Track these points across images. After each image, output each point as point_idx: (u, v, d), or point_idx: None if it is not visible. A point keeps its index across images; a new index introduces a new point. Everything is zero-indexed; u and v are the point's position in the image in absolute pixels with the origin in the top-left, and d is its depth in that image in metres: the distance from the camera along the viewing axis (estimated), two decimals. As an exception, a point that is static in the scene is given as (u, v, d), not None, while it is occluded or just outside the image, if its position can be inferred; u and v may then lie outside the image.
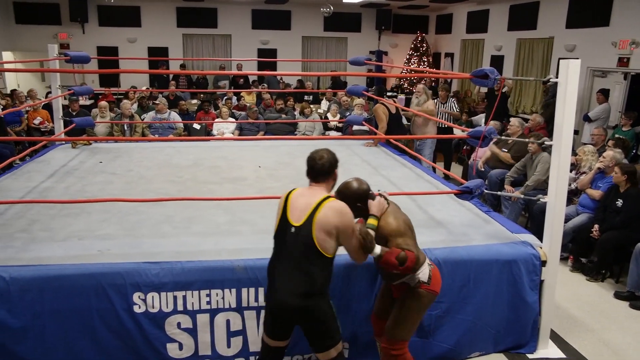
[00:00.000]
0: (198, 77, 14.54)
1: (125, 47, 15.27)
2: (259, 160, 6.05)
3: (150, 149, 6.65)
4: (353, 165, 5.92)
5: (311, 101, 11.72)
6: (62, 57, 6.24)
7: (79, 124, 6.73)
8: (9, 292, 3.21)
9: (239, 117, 9.63)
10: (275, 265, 2.91)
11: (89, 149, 6.54)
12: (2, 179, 5.19)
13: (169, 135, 8.80)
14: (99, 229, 3.95)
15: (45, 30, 14.64)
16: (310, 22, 15.97)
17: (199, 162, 5.95)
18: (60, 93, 6.70)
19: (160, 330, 3.40)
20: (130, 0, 14.87)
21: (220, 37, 15.94)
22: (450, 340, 3.72)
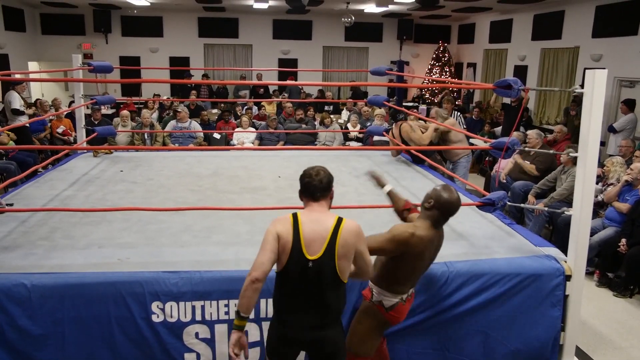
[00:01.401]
0: (219, 87, 14.68)
1: (147, 56, 15.53)
2: (279, 170, 6.07)
3: (171, 158, 6.71)
4: (373, 176, 5.91)
5: (331, 111, 11.76)
6: (85, 67, 6.36)
7: (101, 132, 6.83)
8: (30, 299, 3.26)
9: (259, 126, 9.70)
10: (286, 300, 2.69)
11: (110, 157, 6.62)
12: (25, 186, 5.28)
13: (190, 144, 8.89)
14: (119, 237, 3.98)
15: (70, 40, 14.97)
16: (332, 32, 16.05)
17: (219, 171, 5.98)
18: (83, 102, 6.82)
19: (178, 339, 3.41)
20: (153, 11, 15.12)
21: (241, 47, 16.10)
22: (469, 355, 3.67)
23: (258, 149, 7.21)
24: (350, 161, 6.60)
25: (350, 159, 6.70)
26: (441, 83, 12.24)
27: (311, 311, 2.65)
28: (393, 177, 5.88)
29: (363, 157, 6.88)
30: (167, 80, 12.63)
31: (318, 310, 2.65)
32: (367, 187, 5.45)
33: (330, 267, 2.59)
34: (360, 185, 5.52)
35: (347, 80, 16.35)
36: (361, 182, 5.65)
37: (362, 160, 6.70)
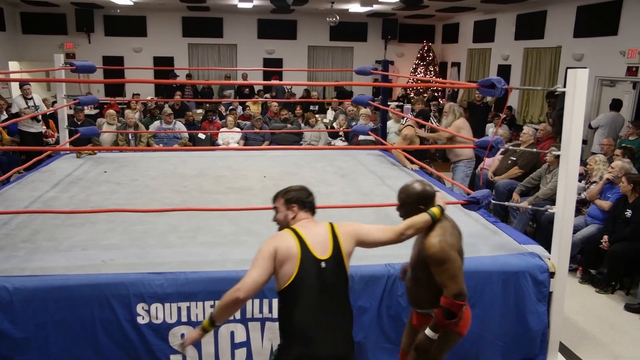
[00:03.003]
0: (203, 87, 14.62)
1: (131, 56, 15.42)
2: (265, 170, 6.06)
3: (156, 158, 6.67)
4: (359, 175, 5.92)
5: (317, 111, 11.76)
6: (68, 66, 6.30)
7: (84, 133, 6.77)
8: (12, 302, 3.21)
9: (244, 127, 9.67)
10: (307, 314, 2.44)
11: (94, 158, 6.56)
12: (6, 188, 5.22)
13: (174, 144, 8.84)
14: (104, 239, 3.95)
15: (52, 40, 14.81)
16: (316, 31, 16.06)
17: (204, 171, 5.96)
18: (65, 102, 6.75)
19: (163, 341, 3.39)
20: (136, 10, 15.01)
21: (225, 47, 16.05)
22: (458, 351, 3.67)
23: (243, 149, 7.20)
24: (336, 160, 6.61)
25: (336, 159, 6.71)
26: (426, 82, 12.29)
27: (339, 322, 2.51)
28: (378, 176, 5.90)
29: (348, 156, 6.89)
30: (151, 81, 12.55)
31: (344, 318, 2.56)
32: (352, 186, 5.47)
33: (341, 266, 2.56)
34: (346, 185, 5.54)
35: (332, 80, 16.37)
36: (347, 181, 5.66)
37: (347, 159, 6.71)
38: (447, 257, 2.63)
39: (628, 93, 9.25)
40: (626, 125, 8.33)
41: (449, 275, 2.61)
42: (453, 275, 2.62)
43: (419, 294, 2.83)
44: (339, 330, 2.51)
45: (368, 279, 3.52)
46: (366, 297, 3.54)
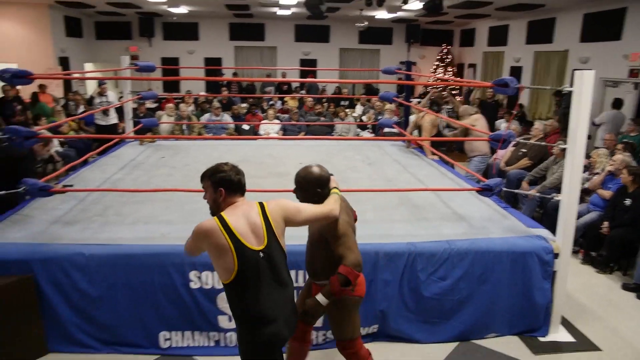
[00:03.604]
0: (247, 84, 14.68)
1: (185, 57, 15.55)
2: (300, 157, 6.05)
3: (206, 146, 6.74)
4: (384, 164, 5.88)
5: (347, 106, 11.69)
6: (132, 67, 6.40)
7: (146, 124, 6.87)
8: (88, 266, 3.33)
9: (282, 119, 9.68)
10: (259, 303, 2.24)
11: (154, 146, 6.67)
12: (82, 170, 5.36)
13: (222, 134, 8.92)
14: (162, 215, 4.03)
15: (119, 44, 15.04)
16: (347, 35, 15.91)
17: (247, 158, 6.00)
18: (130, 97, 6.86)
19: (212, 304, 3.46)
20: (190, 18, 15.10)
21: (267, 49, 16.04)
22: (469, 322, 3.67)
23: (282, 139, 7.21)
24: (363, 150, 6.58)
25: (363, 148, 6.67)
26: (444, 81, 12.08)
27: (288, 300, 2.37)
28: (402, 164, 5.85)
29: (375, 146, 6.85)
30: (202, 78, 12.69)
31: (290, 295, 2.39)
32: (378, 173, 5.44)
33: (277, 248, 2.31)
34: (372, 172, 5.51)
35: (360, 79, 16.22)
36: (373, 169, 5.63)
37: (374, 149, 6.67)
38: (345, 231, 2.56)
39: (630, 93, 8.93)
40: (627, 123, 8.07)
41: (347, 247, 2.53)
42: (350, 247, 2.53)
43: (317, 267, 2.71)
44: (288, 303, 2.37)
45: (391, 255, 3.51)
46: (389, 271, 3.54)
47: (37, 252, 3.34)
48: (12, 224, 3.78)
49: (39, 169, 7.28)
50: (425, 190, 4.68)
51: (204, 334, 3.51)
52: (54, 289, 3.35)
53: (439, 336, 3.65)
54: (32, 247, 3.38)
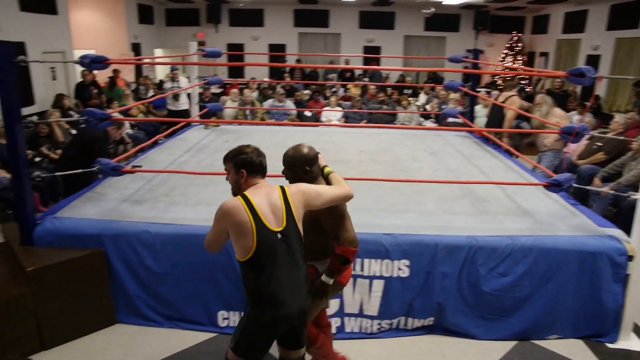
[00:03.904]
0: (310, 71, 14.74)
1: (250, 44, 15.80)
2: (362, 145, 6.04)
3: (268, 131, 6.84)
4: (447, 154, 5.74)
5: (410, 94, 11.49)
6: (199, 52, 6.57)
7: (211, 108, 7.06)
8: (154, 244, 3.48)
9: (345, 106, 9.66)
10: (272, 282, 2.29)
11: (218, 130, 6.84)
12: (150, 152, 5.59)
13: (284, 120, 9.02)
14: (224, 197, 4.06)
15: (187, 30, 15.51)
16: (412, 22, 15.58)
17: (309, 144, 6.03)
18: (197, 82, 7.06)
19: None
20: (256, 4, 15.31)
21: (331, 36, 16.01)
22: (530, 321, 3.54)
23: (344, 126, 7.20)
24: (426, 140, 6.45)
25: (426, 138, 6.55)
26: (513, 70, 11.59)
27: (299, 281, 2.37)
28: (465, 155, 5.69)
29: (438, 136, 6.70)
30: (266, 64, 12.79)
31: (302, 276, 2.39)
32: (440, 163, 5.32)
33: (295, 231, 2.36)
34: (434, 162, 5.40)
35: (425, 67, 15.87)
36: (435, 159, 5.52)
37: (436, 139, 6.53)
38: (343, 212, 2.57)
39: None
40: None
41: (344, 227, 2.53)
42: (345, 227, 2.54)
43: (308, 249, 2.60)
44: (300, 286, 2.37)
45: (451, 247, 3.44)
46: (448, 264, 3.47)
47: (108, 228, 3.53)
48: (87, 200, 4.01)
49: (111, 150, 7.67)
50: (488, 183, 4.54)
51: (261, 315, 3.59)
52: (123, 264, 3.54)
53: (497, 333, 3.55)
54: (103, 223, 3.57)
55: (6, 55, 3.26)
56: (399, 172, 4.90)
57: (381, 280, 3.49)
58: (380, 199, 4.14)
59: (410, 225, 3.60)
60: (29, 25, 8.66)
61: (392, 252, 3.44)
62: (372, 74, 13.84)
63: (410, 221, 3.69)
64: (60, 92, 8.77)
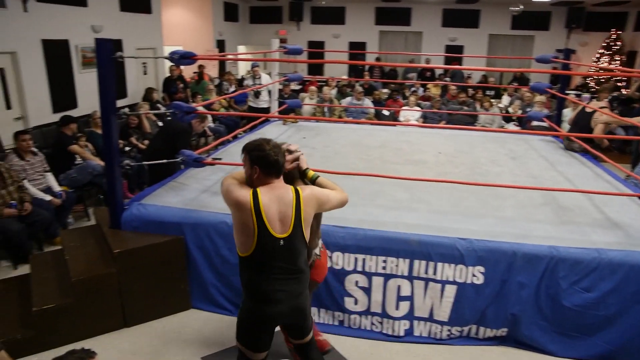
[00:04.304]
0: (390, 69, 14.61)
1: (330, 41, 15.93)
2: (440, 147, 5.91)
3: (346, 129, 6.86)
4: (530, 159, 5.48)
5: (492, 96, 11.09)
6: (281, 49, 6.71)
7: (290, 104, 7.18)
8: (231, 235, 3.56)
9: (424, 106, 9.49)
10: (264, 281, 2.31)
11: (296, 126, 6.96)
12: (230, 145, 5.80)
13: (362, 118, 9.01)
14: (300, 193, 4.19)
15: (270, 28, 15.92)
16: (498, 20, 14.99)
17: (385, 144, 6.00)
18: (277, 79, 7.22)
19: (340, 285, 3.55)
20: (337, 2, 15.40)
21: (412, 34, 15.78)
22: (616, 343, 3.30)
23: (422, 126, 7.07)
24: (507, 143, 6.20)
25: (507, 142, 6.29)
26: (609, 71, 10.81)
27: (292, 285, 2.36)
28: (549, 161, 5.41)
29: (521, 140, 6.41)
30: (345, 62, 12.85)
31: (296, 281, 2.38)
32: (522, 169, 5.10)
33: (300, 237, 2.32)
34: (515, 167, 5.17)
35: (510, 67, 15.21)
36: (517, 164, 5.29)
37: (519, 143, 6.25)
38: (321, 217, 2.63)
39: None
40: None
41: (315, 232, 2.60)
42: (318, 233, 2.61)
43: None
44: (296, 288, 2.38)
45: (530, 257, 3.29)
46: (526, 274, 3.32)
47: (188, 217, 3.70)
48: (169, 189, 4.23)
49: (194, 142, 8.03)
50: (574, 191, 4.28)
51: (329, 312, 3.62)
52: (200, 252, 3.70)
53: (577, 352, 3.35)
54: (184, 212, 3.75)
55: (107, 51, 3.51)
56: (477, 176, 4.75)
57: (454, 285, 3.41)
58: (456, 203, 4.04)
59: (487, 231, 3.48)
60: (126, 23, 9.25)
61: (467, 257, 3.34)
62: (453, 74, 13.49)
63: (487, 227, 3.57)
64: (150, 86, 9.31)
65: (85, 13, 8.09)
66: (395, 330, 3.55)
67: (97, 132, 6.36)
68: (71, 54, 7.86)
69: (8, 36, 6.54)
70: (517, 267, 3.32)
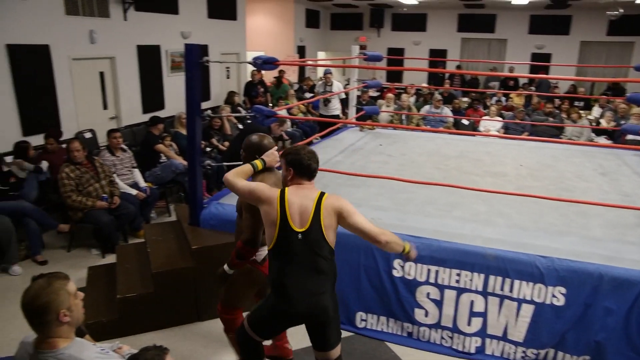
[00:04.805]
0: (471, 78, 14.21)
1: (410, 48, 15.77)
2: (522, 159, 5.67)
3: (423, 138, 6.76)
4: (622, 176, 5.13)
5: (582, 107, 10.48)
6: (361, 56, 6.74)
7: (368, 111, 7.19)
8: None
9: (506, 117, 9.15)
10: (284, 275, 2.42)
11: (373, 133, 6.95)
12: (306, 150, 5.88)
13: (440, 127, 8.83)
14: (374, 200, 4.18)
15: (350, 34, 16.02)
16: (592, 26, 14.08)
17: (464, 154, 5.85)
18: (356, 85, 7.25)
19: (411, 295, 3.49)
20: (419, 9, 15.21)
21: (496, 41, 15.26)
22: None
23: (503, 137, 6.81)
24: (596, 158, 5.83)
25: (597, 156, 5.92)
26: None
27: (309, 281, 2.42)
28: (645, 179, 5.03)
29: (612, 155, 6.01)
30: (425, 69, 12.71)
31: (315, 278, 2.42)
32: (612, 185, 4.78)
33: (319, 235, 2.39)
34: (604, 183, 4.86)
35: (603, 76, 14.26)
36: (606, 180, 4.96)
37: (610, 158, 5.87)
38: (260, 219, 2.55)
39: None
40: None
41: (250, 227, 2.63)
42: (251, 228, 2.63)
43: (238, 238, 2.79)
44: (315, 289, 2.42)
45: (620, 281, 3.06)
46: (614, 299, 3.10)
47: (264, 219, 3.78)
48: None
49: (272, 146, 8.21)
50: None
51: (398, 322, 3.57)
52: (274, 253, 3.77)
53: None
54: (261, 213, 3.84)
55: (196, 56, 3.70)
56: (562, 191, 4.50)
57: (531, 305, 3.25)
58: (538, 218, 3.85)
59: (571, 250, 3.29)
60: (213, 29, 9.69)
61: (547, 276, 3.18)
62: (538, 83, 12.88)
63: (571, 245, 3.37)
64: (232, 90, 9.67)
65: (176, 20, 8.56)
66: (465, 346, 3.44)
67: (181, 132, 6.69)
68: (162, 59, 8.34)
69: (109, 43, 7.07)
70: (604, 291, 3.10)
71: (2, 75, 5.58)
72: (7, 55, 5.59)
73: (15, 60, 5.68)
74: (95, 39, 6.77)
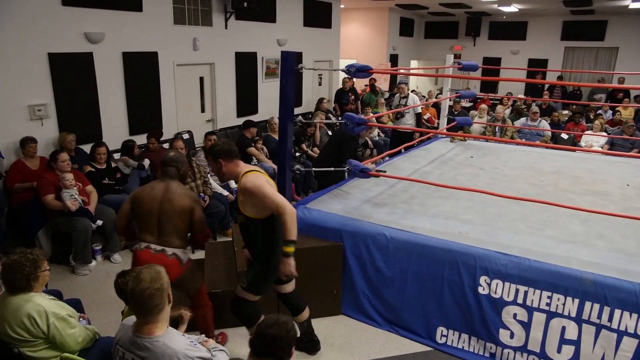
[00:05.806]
0: (573, 89, 13.37)
1: (508, 58, 15.18)
2: (628, 178, 5.25)
3: (517, 151, 6.48)
4: None
5: None
6: (455, 65, 6.59)
7: (459, 122, 7.01)
8: (388, 247, 3.65)
9: (611, 132, 8.52)
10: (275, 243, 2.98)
11: (464, 144, 6.77)
12: (396, 159, 5.85)
13: (536, 141, 8.40)
14: (463, 213, 4.07)
15: (444, 43, 15.74)
16: None
17: (562, 170, 5.52)
18: (449, 95, 7.10)
19: (497, 315, 3.35)
20: (519, 16, 14.59)
21: (604, 50, 14.23)
22: None
23: (608, 154, 6.34)
24: None
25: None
26: None
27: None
28: None
29: None
30: (522, 80, 12.14)
31: None
32: None
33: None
34: None
35: None
36: None
37: None
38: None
39: None
40: None
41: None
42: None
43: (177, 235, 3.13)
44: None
45: None
46: None
47: (348, 225, 3.82)
48: (333, 197, 4.43)
49: (359, 153, 8.26)
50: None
51: (480, 342, 3.45)
52: (356, 260, 3.80)
53: None
54: (345, 219, 3.89)
55: (291, 63, 3.82)
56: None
57: (635, 339, 2.99)
58: (645, 244, 3.55)
59: (683, 282, 2.99)
60: (307, 37, 9.94)
61: (654, 309, 2.91)
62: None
63: (684, 277, 3.07)
64: (322, 96, 9.84)
65: (273, 28, 8.89)
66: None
67: (272, 136, 6.93)
68: (258, 65, 8.68)
69: (211, 49, 7.49)
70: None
71: (117, 79, 6.10)
72: (122, 62, 6.11)
73: (128, 66, 6.19)
74: (198, 46, 7.20)
